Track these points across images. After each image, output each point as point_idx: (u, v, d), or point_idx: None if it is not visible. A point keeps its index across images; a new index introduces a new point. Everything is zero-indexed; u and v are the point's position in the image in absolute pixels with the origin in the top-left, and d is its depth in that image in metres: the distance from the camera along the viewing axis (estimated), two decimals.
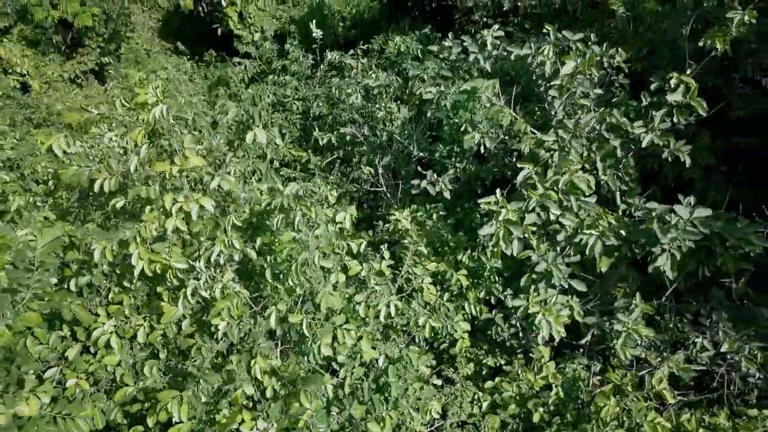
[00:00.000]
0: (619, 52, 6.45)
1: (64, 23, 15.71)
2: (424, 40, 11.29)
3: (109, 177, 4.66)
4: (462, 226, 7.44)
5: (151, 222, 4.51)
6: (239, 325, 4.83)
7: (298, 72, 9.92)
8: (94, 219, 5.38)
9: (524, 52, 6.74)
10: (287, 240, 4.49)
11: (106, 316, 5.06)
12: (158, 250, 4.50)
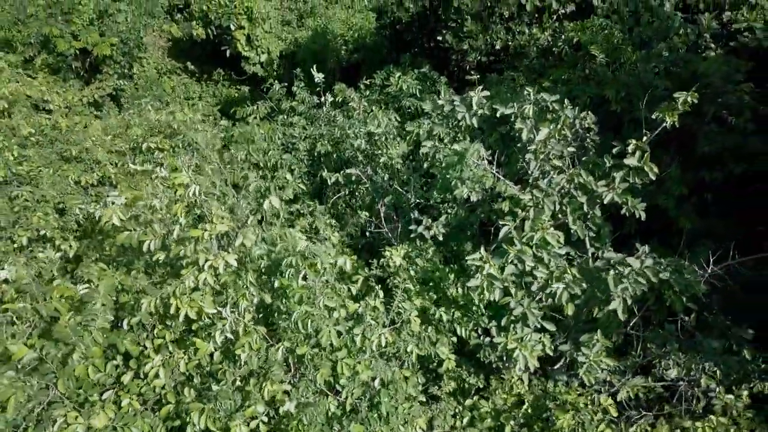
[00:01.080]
0: (589, 115, 7.41)
1: (84, 50, 16.69)
2: (422, 78, 12.29)
3: (154, 239, 5.69)
4: (455, 257, 8.45)
5: (188, 276, 5.53)
6: (258, 355, 5.89)
7: (304, 112, 10.91)
8: (139, 267, 6.42)
9: (508, 111, 7.72)
10: (298, 288, 5.50)
11: (153, 350, 6.08)
12: (195, 299, 5.52)
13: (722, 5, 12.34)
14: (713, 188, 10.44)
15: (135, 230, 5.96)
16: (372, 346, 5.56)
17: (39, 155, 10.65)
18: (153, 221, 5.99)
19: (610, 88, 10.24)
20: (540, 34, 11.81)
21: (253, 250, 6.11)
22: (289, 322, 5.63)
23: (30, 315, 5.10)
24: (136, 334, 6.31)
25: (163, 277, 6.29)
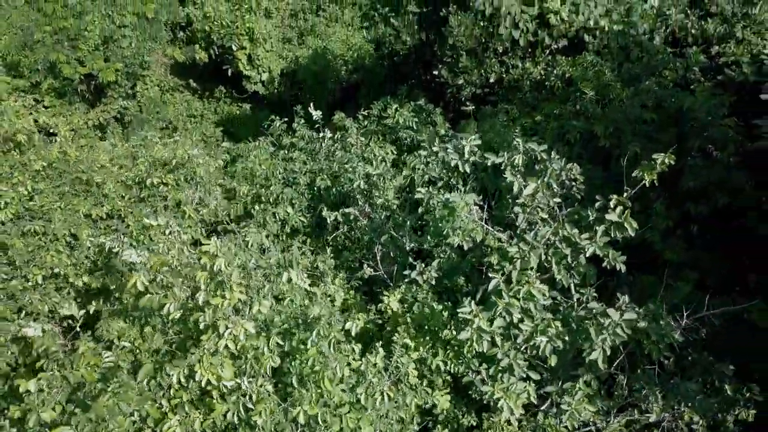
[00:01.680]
0: (574, 167, 7.80)
1: (89, 74, 17.07)
2: (419, 110, 12.68)
3: (174, 302, 6.08)
4: (449, 290, 8.85)
5: (208, 341, 5.91)
6: (272, 418, 6.25)
7: (304, 147, 11.30)
8: (156, 323, 6.80)
9: (498, 160, 8.11)
10: (312, 353, 5.90)
11: (171, 410, 6.41)
12: (214, 363, 5.90)
13: (710, 39, 12.73)
14: (698, 221, 10.81)
15: (156, 294, 6.34)
16: (375, 403, 5.94)
17: (50, 189, 11.04)
18: (174, 285, 6.37)
19: (599, 125, 10.63)
20: (533, 69, 12.20)
21: (268, 315, 6.47)
22: (301, 385, 6.01)
23: (58, 382, 5.48)
24: (153, 393, 6.62)
25: (177, 334, 6.67)
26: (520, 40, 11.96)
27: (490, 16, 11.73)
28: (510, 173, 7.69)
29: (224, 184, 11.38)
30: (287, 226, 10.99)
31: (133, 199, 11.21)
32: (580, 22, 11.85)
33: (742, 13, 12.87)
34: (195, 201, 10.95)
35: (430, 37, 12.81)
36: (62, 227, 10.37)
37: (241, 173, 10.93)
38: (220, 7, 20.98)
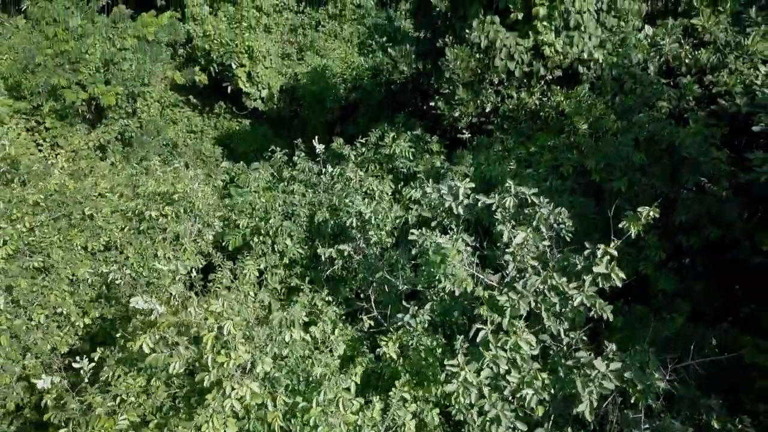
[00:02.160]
0: (562, 211, 7.94)
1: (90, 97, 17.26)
2: (415, 140, 12.85)
3: (178, 360, 6.24)
4: (443, 324, 9.01)
5: (213, 401, 6.06)
6: None
7: (304, 180, 11.46)
8: (160, 376, 6.96)
9: (489, 201, 8.27)
10: (315, 413, 6.06)
11: None
12: (218, 424, 6.04)
13: (704, 69, 12.84)
14: (691, 253, 10.93)
15: (162, 352, 6.50)
16: None
17: (48, 222, 11.18)
18: (179, 344, 6.52)
19: (591, 160, 10.76)
20: (528, 99, 12.34)
21: (272, 373, 6.62)
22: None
23: None
24: None
25: (181, 387, 6.82)
26: (515, 71, 12.10)
27: (486, 49, 11.87)
28: (501, 215, 7.87)
29: (223, 216, 11.53)
30: (285, 258, 11.16)
31: (132, 230, 11.36)
32: (574, 54, 11.98)
33: (735, 42, 12.98)
34: (194, 233, 11.12)
35: (427, 67, 12.96)
36: (62, 262, 10.58)
37: (241, 206, 11.08)
38: (220, 25, 21.19)
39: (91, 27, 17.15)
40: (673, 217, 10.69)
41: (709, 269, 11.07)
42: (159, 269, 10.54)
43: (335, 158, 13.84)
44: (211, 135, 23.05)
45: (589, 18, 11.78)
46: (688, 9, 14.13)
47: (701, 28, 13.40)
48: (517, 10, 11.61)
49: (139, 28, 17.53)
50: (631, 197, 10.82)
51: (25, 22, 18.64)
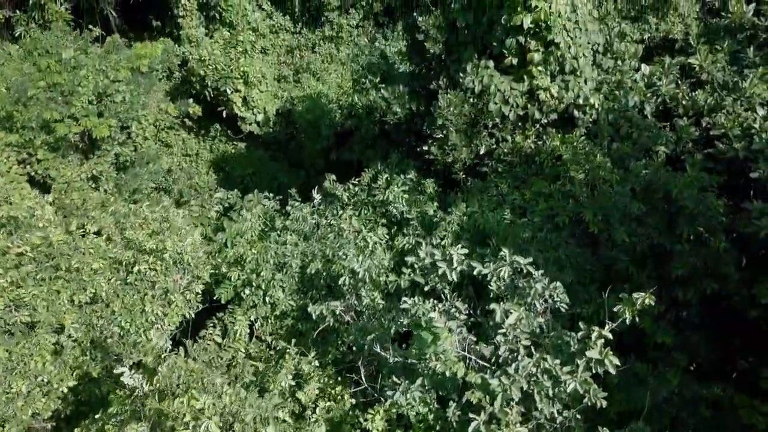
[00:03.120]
0: (558, 287, 7.80)
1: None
2: (409, 183, 12.70)
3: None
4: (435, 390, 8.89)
5: None
6: None
7: (297, 230, 11.31)
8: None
9: (485, 271, 8.14)
10: None
11: None
12: None
13: (701, 111, 12.69)
14: (688, 305, 10.79)
15: None
16: None
17: (33, 275, 10.98)
18: None
19: (588, 211, 10.62)
20: (523, 142, 12.19)
21: None
22: None
23: None
24: None
25: None
26: (509, 115, 11.94)
27: (480, 93, 11.72)
28: (495, 284, 7.75)
29: (214, 267, 11.38)
30: (277, 309, 11.04)
31: (119, 281, 11.19)
32: (570, 98, 11.83)
33: (733, 82, 12.83)
34: (183, 287, 10.98)
35: (421, 109, 12.81)
36: (47, 316, 10.43)
37: (232, 257, 10.94)
38: (215, 50, 21.01)
39: (84, 58, 16.96)
40: (670, 270, 10.56)
41: (706, 321, 10.95)
42: (146, 327, 10.47)
43: (328, 197, 13.71)
44: (206, 158, 22.88)
45: (585, 62, 11.62)
46: (685, 46, 13.98)
47: (698, 67, 13.26)
48: (511, 55, 11.44)
49: (132, 59, 17.35)
50: (629, 248, 10.69)
51: (17, 49, 18.49)
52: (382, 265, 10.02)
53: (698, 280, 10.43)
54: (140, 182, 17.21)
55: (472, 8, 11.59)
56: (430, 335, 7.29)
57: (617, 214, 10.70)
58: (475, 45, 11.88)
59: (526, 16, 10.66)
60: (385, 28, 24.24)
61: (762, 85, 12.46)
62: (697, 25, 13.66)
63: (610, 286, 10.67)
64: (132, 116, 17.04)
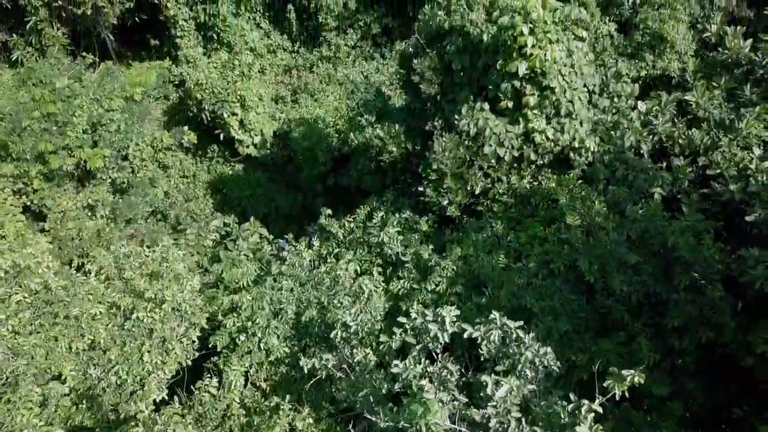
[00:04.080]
0: (548, 353, 7.75)
1: None
2: (404, 222, 12.66)
3: None
4: None
5: None
6: None
7: (293, 275, 11.27)
8: None
9: (475, 334, 8.10)
10: None
11: None
12: None
13: (697, 150, 12.63)
14: (683, 353, 10.74)
15: None
16: None
17: (31, 321, 10.97)
18: None
19: (583, 260, 10.56)
20: (518, 183, 12.14)
21: None
22: None
23: None
24: None
25: None
26: (505, 157, 11.89)
27: (475, 136, 11.67)
28: (486, 347, 7.72)
29: (211, 315, 11.36)
30: (271, 356, 11.01)
31: (117, 327, 11.18)
32: (565, 141, 11.77)
33: (730, 120, 12.76)
34: (180, 334, 10.95)
35: (416, 148, 12.76)
36: (46, 365, 10.44)
37: (228, 305, 10.91)
38: (212, 73, 20.95)
39: (79, 87, 16.91)
40: (666, 319, 10.51)
41: (702, 368, 10.89)
42: (143, 375, 10.44)
43: (324, 233, 13.68)
44: (203, 179, 22.84)
45: (581, 105, 11.56)
46: (682, 81, 13.91)
47: (695, 104, 13.20)
48: (507, 98, 11.38)
49: (126, 88, 17.30)
50: (624, 296, 10.63)
51: (12, 75, 18.43)
52: (375, 320, 9.97)
53: (694, 328, 10.38)
54: (136, 211, 17.17)
55: (468, 52, 11.53)
56: (420, 407, 7.24)
57: (613, 263, 10.65)
58: (470, 87, 11.82)
59: (521, 62, 10.60)
60: (382, 48, 24.18)
61: (758, 124, 12.40)
62: (694, 62, 13.57)
63: (605, 335, 10.82)
64: (126, 145, 16.98)
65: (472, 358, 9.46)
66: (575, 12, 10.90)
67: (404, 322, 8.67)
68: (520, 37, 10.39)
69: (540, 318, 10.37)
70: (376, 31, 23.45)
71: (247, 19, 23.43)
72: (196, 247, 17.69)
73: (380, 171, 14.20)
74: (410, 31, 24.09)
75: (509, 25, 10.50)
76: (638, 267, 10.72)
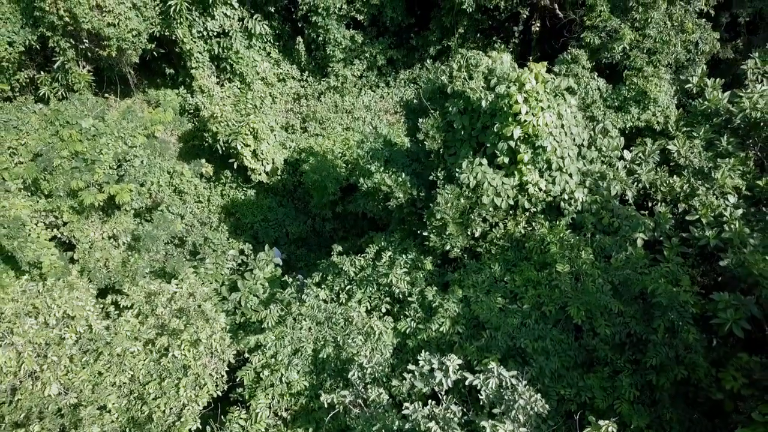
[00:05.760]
0: (539, 401, 8.99)
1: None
2: (411, 262, 13.89)
3: None
4: None
5: None
6: None
7: (311, 315, 12.52)
8: None
9: (475, 381, 9.36)
10: None
11: None
12: None
13: (677, 197, 13.86)
14: (661, 388, 11.95)
15: None
16: None
17: (81, 362, 12.23)
18: None
19: (572, 306, 11.78)
20: (513, 228, 13.37)
21: None
22: None
23: None
24: None
25: None
26: (501, 205, 13.10)
27: (474, 187, 12.88)
28: (484, 393, 8.97)
29: (238, 352, 12.62)
30: (292, 389, 12.27)
31: (152, 362, 12.42)
32: (556, 192, 12.99)
33: (708, 168, 13.97)
34: (210, 368, 12.21)
35: (421, 195, 13.98)
36: (91, 398, 11.71)
37: (253, 343, 12.15)
38: (226, 106, 22.15)
39: (103, 126, 18.13)
40: (644, 359, 11.73)
41: (677, 402, 12.11)
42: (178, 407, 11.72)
43: (335, 268, 14.94)
44: (217, 204, 24.03)
45: (570, 161, 12.77)
46: (664, 130, 15.12)
47: (677, 153, 14.41)
48: (503, 155, 12.59)
49: (147, 125, 18.51)
50: (608, 337, 11.87)
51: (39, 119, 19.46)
52: (385, 360, 11.21)
53: (670, 367, 11.59)
54: (158, 241, 18.38)
55: (468, 113, 12.74)
56: None
57: (598, 309, 11.88)
58: (470, 143, 13.03)
59: (516, 127, 11.81)
60: (387, 77, 25.35)
61: (734, 174, 13.63)
62: (676, 113, 14.77)
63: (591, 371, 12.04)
64: (150, 179, 18.23)
65: (471, 391, 10.71)
66: (564, 83, 12.12)
67: (413, 369, 9.93)
68: (515, 105, 11.61)
69: (533, 357, 11.62)
70: (381, 63, 24.61)
71: (257, 49, 24.59)
72: (214, 275, 19.00)
73: (387, 211, 15.43)
74: (413, 60, 25.39)
75: (505, 93, 11.72)
76: (621, 311, 11.97)
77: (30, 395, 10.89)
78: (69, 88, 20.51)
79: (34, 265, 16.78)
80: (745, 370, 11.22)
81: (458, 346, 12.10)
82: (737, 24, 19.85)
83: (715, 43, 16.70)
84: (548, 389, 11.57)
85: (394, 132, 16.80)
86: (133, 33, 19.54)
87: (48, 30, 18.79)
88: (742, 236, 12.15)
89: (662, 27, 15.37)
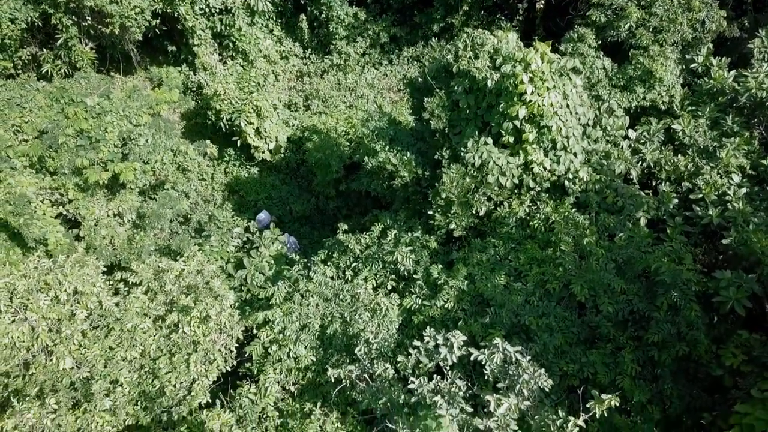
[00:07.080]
0: (542, 375, 9.17)
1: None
2: (416, 240, 14.03)
3: None
4: None
5: None
6: None
7: (319, 292, 12.69)
8: None
9: (480, 357, 9.54)
10: None
11: None
12: None
13: (682, 175, 13.93)
14: (662, 364, 12.17)
15: None
16: None
17: (93, 337, 12.41)
18: None
19: (576, 284, 11.93)
20: (518, 207, 13.47)
21: None
22: None
23: None
24: None
25: None
26: (506, 184, 13.19)
27: (480, 167, 12.95)
28: (489, 368, 9.17)
29: (246, 328, 12.82)
30: (300, 364, 12.49)
31: (162, 338, 12.62)
32: (560, 171, 13.06)
33: (713, 147, 14.03)
34: (219, 344, 12.42)
35: (426, 174, 14.06)
36: (103, 372, 11.93)
37: (262, 320, 12.34)
38: (229, 83, 22.09)
39: (108, 104, 18.13)
40: (647, 334, 11.93)
41: (678, 377, 12.35)
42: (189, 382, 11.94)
43: (340, 246, 15.07)
44: (221, 181, 24.10)
45: (575, 141, 12.82)
46: (670, 109, 15.12)
47: (681, 132, 14.45)
48: (508, 135, 12.64)
49: (152, 104, 18.50)
50: (611, 314, 12.05)
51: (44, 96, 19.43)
52: (391, 336, 11.40)
53: (672, 344, 11.79)
54: (162, 220, 18.50)
55: (473, 92, 12.75)
56: (434, 422, 8.71)
57: (602, 287, 12.03)
58: (475, 122, 13.07)
59: (521, 107, 11.84)
60: (390, 54, 25.22)
61: (738, 153, 13.68)
62: (682, 92, 14.76)
63: (594, 347, 12.24)
64: (155, 158, 18.29)
65: (476, 366, 10.92)
66: (570, 63, 12.11)
67: (418, 345, 10.11)
68: (521, 85, 11.62)
69: (537, 334, 11.80)
70: (384, 40, 24.47)
71: (260, 27, 24.44)
72: (219, 253, 19.14)
73: (392, 190, 15.51)
74: (416, 38, 25.23)
75: (511, 73, 11.72)
76: (624, 289, 12.12)
77: (44, 369, 11.10)
78: (72, 66, 20.44)
79: (40, 242, 16.91)
80: (744, 347, 11.42)
81: (463, 322, 12.27)
82: (744, 2, 19.71)
83: (722, 22, 16.62)
84: (551, 365, 11.78)
85: (397, 110, 16.79)
86: (135, 10, 19.40)
87: (50, 7, 18.66)
88: (745, 215, 12.25)
89: (669, 5, 15.29)
